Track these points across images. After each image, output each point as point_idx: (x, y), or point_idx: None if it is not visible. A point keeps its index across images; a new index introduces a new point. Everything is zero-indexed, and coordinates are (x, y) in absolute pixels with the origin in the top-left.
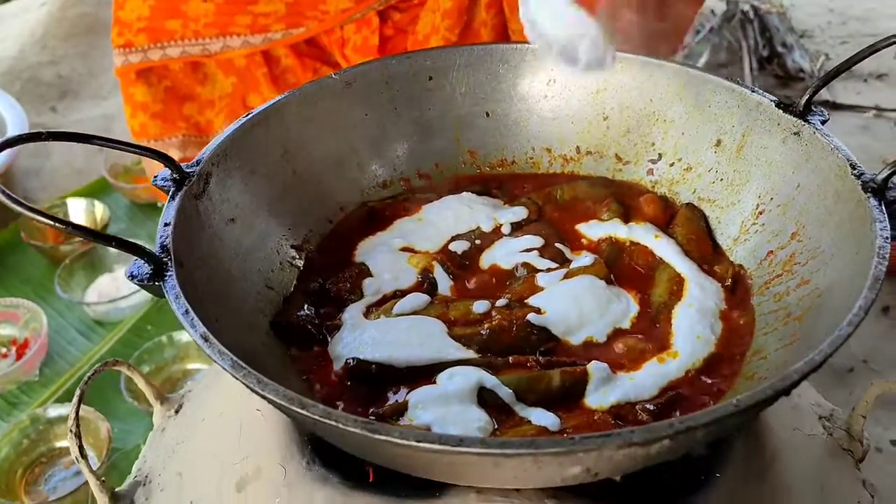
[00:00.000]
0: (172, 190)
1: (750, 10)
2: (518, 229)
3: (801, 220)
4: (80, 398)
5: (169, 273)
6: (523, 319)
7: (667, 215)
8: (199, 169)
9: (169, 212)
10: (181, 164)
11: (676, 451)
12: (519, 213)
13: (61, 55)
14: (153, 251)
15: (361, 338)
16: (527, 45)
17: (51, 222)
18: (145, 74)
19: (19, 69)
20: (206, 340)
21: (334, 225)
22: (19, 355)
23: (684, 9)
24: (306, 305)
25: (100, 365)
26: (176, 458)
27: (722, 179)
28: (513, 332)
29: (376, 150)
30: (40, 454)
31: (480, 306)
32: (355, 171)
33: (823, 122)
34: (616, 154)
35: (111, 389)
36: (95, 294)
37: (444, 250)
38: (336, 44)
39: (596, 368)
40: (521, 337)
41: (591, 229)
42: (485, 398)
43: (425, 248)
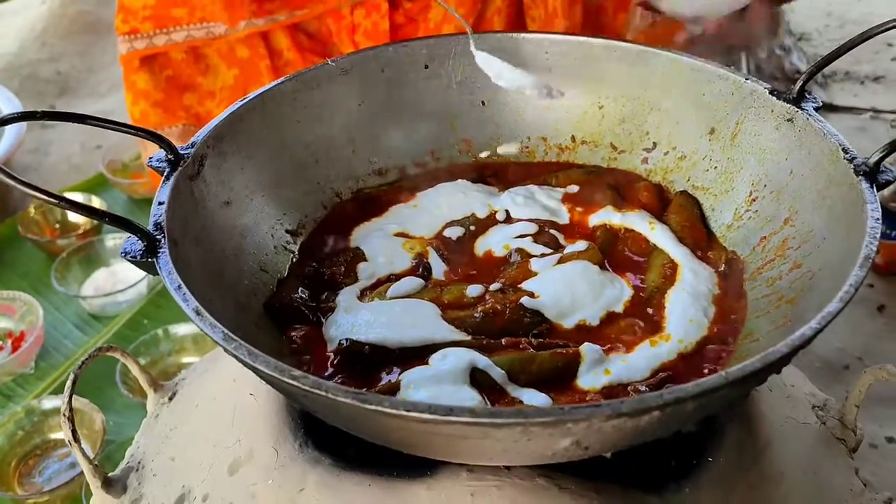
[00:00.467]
0: (167, 171)
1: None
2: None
3: (794, 206)
4: (74, 382)
5: (162, 250)
6: (516, 303)
7: (661, 203)
8: (193, 151)
9: (163, 191)
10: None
11: (667, 425)
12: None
13: (60, 52)
14: (146, 228)
15: (355, 320)
16: (523, 35)
17: (48, 198)
18: (148, 62)
19: (18, 66)
20: (198, 314)
21: (329, 210)
22: (15, 348)
23: None
24: (300, 288)
25: (94, 350)
26: (169, 444)
27: (716, 167)
28: (506, 316)
29: (372, 137)
30: (35, 446)
31: (474, 290)
32: (351, 158)
33: (816, 109)
34: (611, 143)
35: (107, 382)
36: (92, 288)
37: (438, 236)
38: (346, 30)
39: (588, 350)
40: (514, 320)
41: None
42: (477, 379)
43: (420, 233)
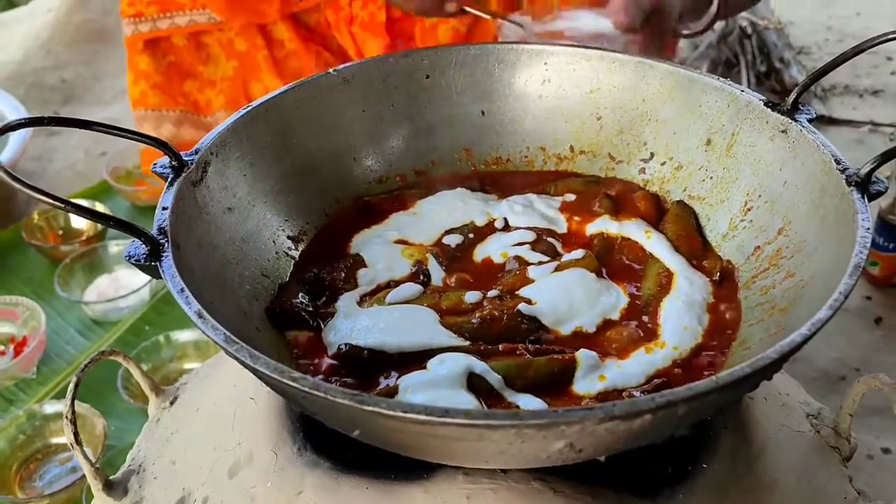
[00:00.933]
0: (171, 177)
1: (748, 25)
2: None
3: (788, 216)
4: (77, 385)
5: (166, 254)
6: (514, 309)
7: (658, 212)
8: (197, 157)
9: (167, 197)
10: (181, 152)
11: (660, 429)
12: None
13: (65, 60)
14: (150, 233)
15: (354, 325)
16: (522, 45)
17: (54, 202)
18: (152, 46)
19: (24, 73)
20: (200, 317)
21: (330, 217)
22: (17, 352)
23: None
24: (301, 293)
25: (97, 353)
26: (170, 448)
27: (712, 178)
28: (503, 322)
29: (373, 146)
30: (36, 450)
31: (472, 296)
32: (352, 166)
33: (810, 121)
34: (609, 153)
35: (108, 388)
36: (94, 294)
37: (437, 243)
38: (344, 21)
39: (584, 356)
40: (511, 326)
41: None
42: (474, 384)
43: (420, 240)
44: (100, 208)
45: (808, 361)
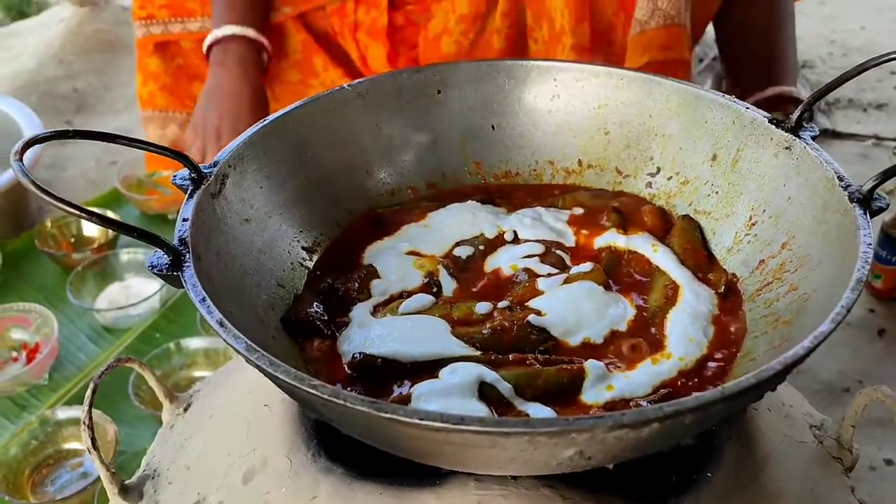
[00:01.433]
0: (191, 189)
1: None
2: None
3: (792, 231)
4: (94, 391)
5: (187, 264)
6: (524, 320)
7: (664, 226)
8: (216, 170)
9: (187, 208)
10: (199, 165)
11: (667, 437)
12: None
13: (77, 70)
14: (172, 243)
15: (368, 334)
16: (532, 62)
17: (82, 214)
18: (161, 49)
19: (36, 83)
20: (222, 326)
21: (343, 229)
22: (30, 359)
23: None
24: (316, 303)
25: (114, 360)
26: (184, 453)
27: (717, 192)
28: (513, 332)
29: (385, 159)
30: (48, 455)
31: (483, 307)
32: (365, 179)
33: (814, 138)
34: (616, 167)
35: (119, 394)
36: (106, 301)
37: (448, 255)
38: (349, 27)
39: (592, 367)
40: (521, 337)
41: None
42: (485, 392)
43: (431, 252)
44: (110, 216)
45: (811, 373)
